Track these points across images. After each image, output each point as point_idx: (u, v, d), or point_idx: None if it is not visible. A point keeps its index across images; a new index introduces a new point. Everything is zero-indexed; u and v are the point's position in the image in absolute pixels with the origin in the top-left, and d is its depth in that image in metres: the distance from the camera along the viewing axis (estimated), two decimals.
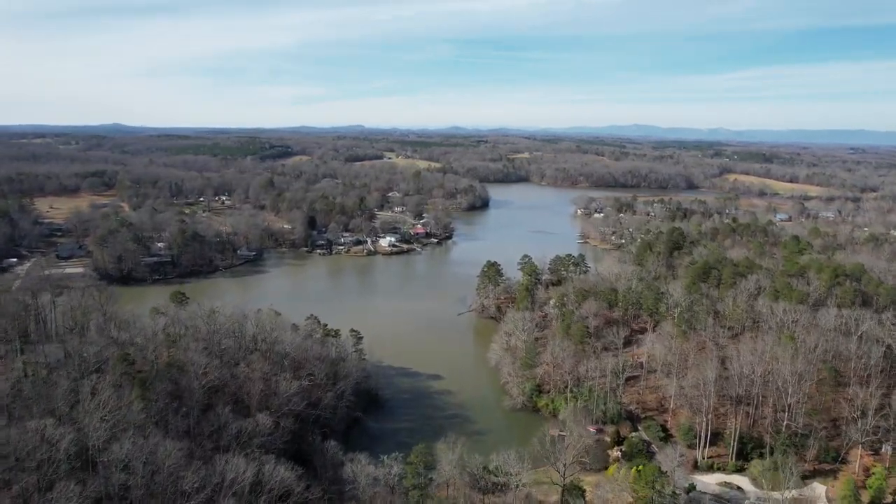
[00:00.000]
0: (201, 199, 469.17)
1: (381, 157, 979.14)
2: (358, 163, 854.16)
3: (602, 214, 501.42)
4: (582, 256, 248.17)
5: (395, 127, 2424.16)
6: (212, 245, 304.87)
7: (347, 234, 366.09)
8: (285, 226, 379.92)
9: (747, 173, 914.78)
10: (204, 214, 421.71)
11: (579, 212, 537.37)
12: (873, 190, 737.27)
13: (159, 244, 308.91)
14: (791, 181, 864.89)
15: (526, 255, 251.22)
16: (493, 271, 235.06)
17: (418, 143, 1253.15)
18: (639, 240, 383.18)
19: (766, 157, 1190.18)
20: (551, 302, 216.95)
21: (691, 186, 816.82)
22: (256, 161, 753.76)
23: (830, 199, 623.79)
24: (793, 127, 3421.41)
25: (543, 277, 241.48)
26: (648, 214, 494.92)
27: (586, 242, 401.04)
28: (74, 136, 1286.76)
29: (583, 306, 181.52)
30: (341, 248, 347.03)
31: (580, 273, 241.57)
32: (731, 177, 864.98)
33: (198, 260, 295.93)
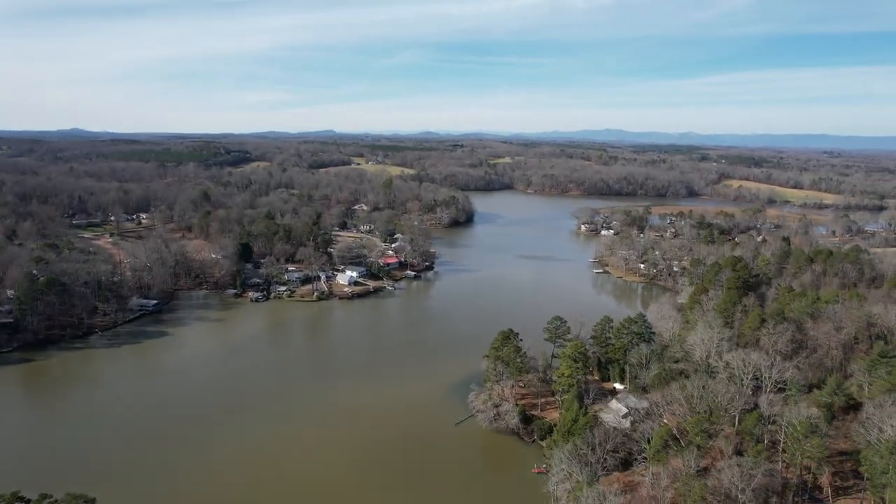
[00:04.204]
0: (112, 218, 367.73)
1: (349, 163, 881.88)
2: (322, 169, 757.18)
3: (612, 231, 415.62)
4: (644, 318, 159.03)
5: (366, 132, 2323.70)
6: (84, 295, 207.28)
7: (293, 269, 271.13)
8: (213, 255, 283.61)
9: (747, 178, 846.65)
10: (110, 240, 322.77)
11: (582, 227, 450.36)
12: (893, 197, 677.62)
13: (11, 293, 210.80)
14: (796, 187, 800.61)
15: (557, 318, 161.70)
16: (510, 351, 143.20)
17: (390, 147, 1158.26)
18: (675, 267, 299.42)
19: (755, 160, 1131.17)
20: (617, 410, 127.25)
21: (692, 193, 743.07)
22: (200, 168, 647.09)
23: (864, 209, 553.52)
24: (759, 131, 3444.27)
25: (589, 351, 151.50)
26: (668, 232, 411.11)
27: (605, 272, 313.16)
28: (7, 141, 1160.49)
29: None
30: (283, 289, 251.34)
31: (643, 341, 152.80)
32: (735, 183, 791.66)
33: (59, 319, 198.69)
